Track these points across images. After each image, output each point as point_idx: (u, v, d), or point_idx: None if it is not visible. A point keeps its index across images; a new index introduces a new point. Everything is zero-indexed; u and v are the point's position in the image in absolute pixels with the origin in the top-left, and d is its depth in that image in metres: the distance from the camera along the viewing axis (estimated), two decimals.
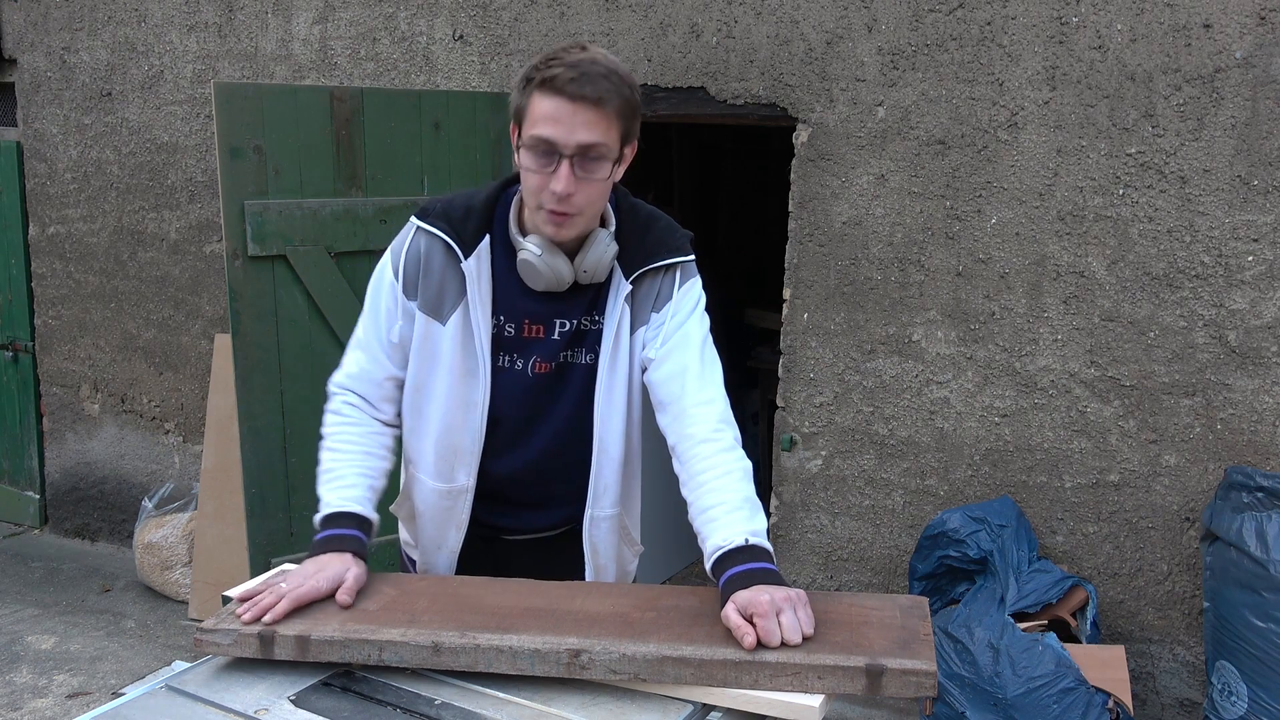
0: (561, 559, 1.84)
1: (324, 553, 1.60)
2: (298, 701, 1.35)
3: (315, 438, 3.28)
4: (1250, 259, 2.92)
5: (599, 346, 1.73)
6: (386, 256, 1.76)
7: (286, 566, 1.75)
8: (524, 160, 1.59)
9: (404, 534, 1.97)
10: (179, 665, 1.56)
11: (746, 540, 1.52)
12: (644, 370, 1.76)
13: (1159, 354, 3.05)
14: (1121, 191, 3.03)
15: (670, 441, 1.70)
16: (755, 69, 3.43)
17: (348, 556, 1.59)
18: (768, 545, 1.53)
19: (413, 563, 1.95)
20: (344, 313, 3.24)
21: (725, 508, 1.57)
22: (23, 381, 5.21)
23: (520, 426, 1.77)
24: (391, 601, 1.54)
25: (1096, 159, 3.04)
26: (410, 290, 1.72)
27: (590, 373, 1.75)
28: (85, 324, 4.94)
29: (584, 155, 1.55)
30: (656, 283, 1.74)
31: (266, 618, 1.46)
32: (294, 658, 1.42)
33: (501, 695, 1.36)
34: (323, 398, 3.30)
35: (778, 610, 1.39)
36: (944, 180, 3.22)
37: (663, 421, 1.72)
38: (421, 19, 3.94)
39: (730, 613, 1.41)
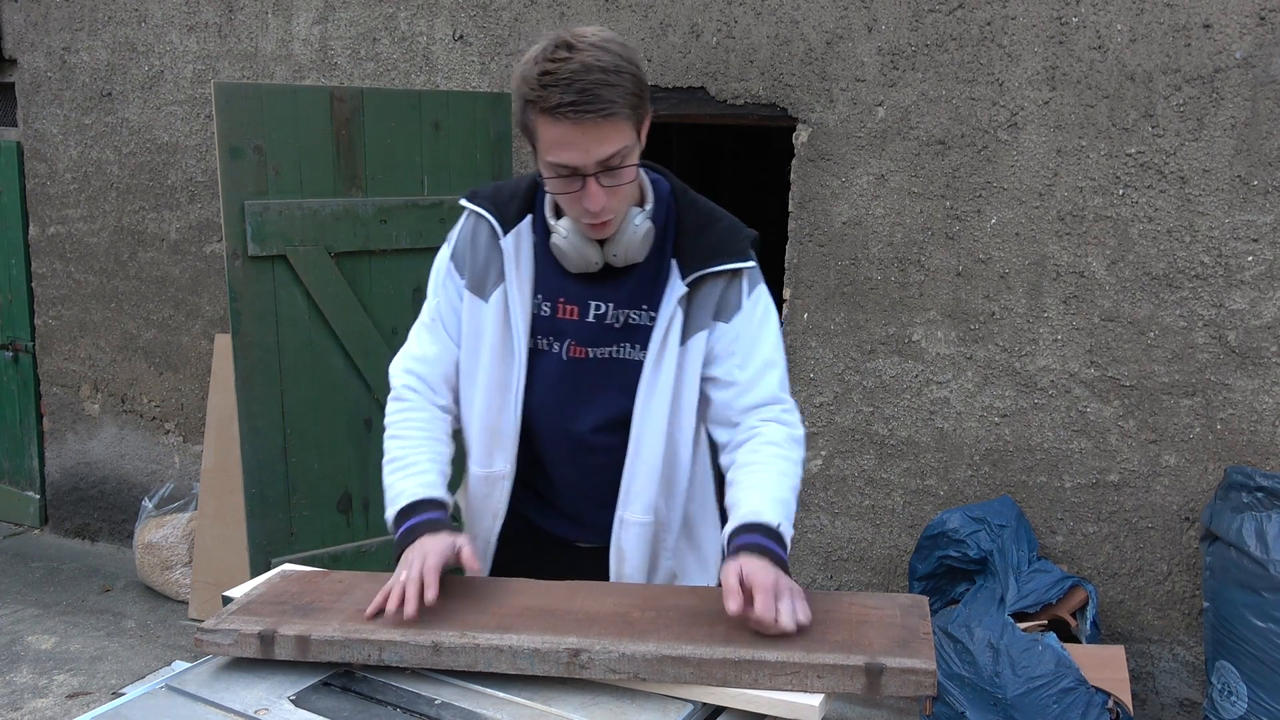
0: (599, 570, 1.76)
1: (420, 537, 1.59)
2: (298, 701, 1.35)
3: (315, 438, 3.30)
4: (1250, 259, 2.92)
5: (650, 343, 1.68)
6: (447, 238, 1.78)
7: (286, 567, 1.75)
8: (547, 177, 1.56)
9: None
10: (179, 665, 1.56)
11: (779, 524, 1.53)
12: (708, 379, 1.70)
13: (1159, 354, 3.05)
14: (1121, 191, 3.03)
15: (723, 440, 1.71)
16: (755, 69, 3.43)
17: (446, 534, 1.59)
18: (788, 543, 1.55)
19: None
20: (344, 313, 3.25)
21: (768, 492, 1.58)
22: (23, 381, 5.21)
23: (558, 414, 1.72)
24: None
25: (1096, 159, 3.05)
26: (461, 269, 1.73)
27: (640, 370, 1.69)
28: (85, 324, 4.94)
29: (607, 166, 1.51)
30: (718, 289, 1.67)
31: (428, 596, 1.46)
32: (294, 658, 1.42)
33: (501, 695, 1.36)
34: (323, 397, 3.32)
35: (778, 594, 1.39)
36: (944, 180, 3.22)
37: (720, 435, 1.72)
38: (421, 19, 3.94)
39: (730, 573, 1.40)
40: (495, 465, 1.74)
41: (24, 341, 5.14)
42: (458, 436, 1.81)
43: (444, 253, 1.78)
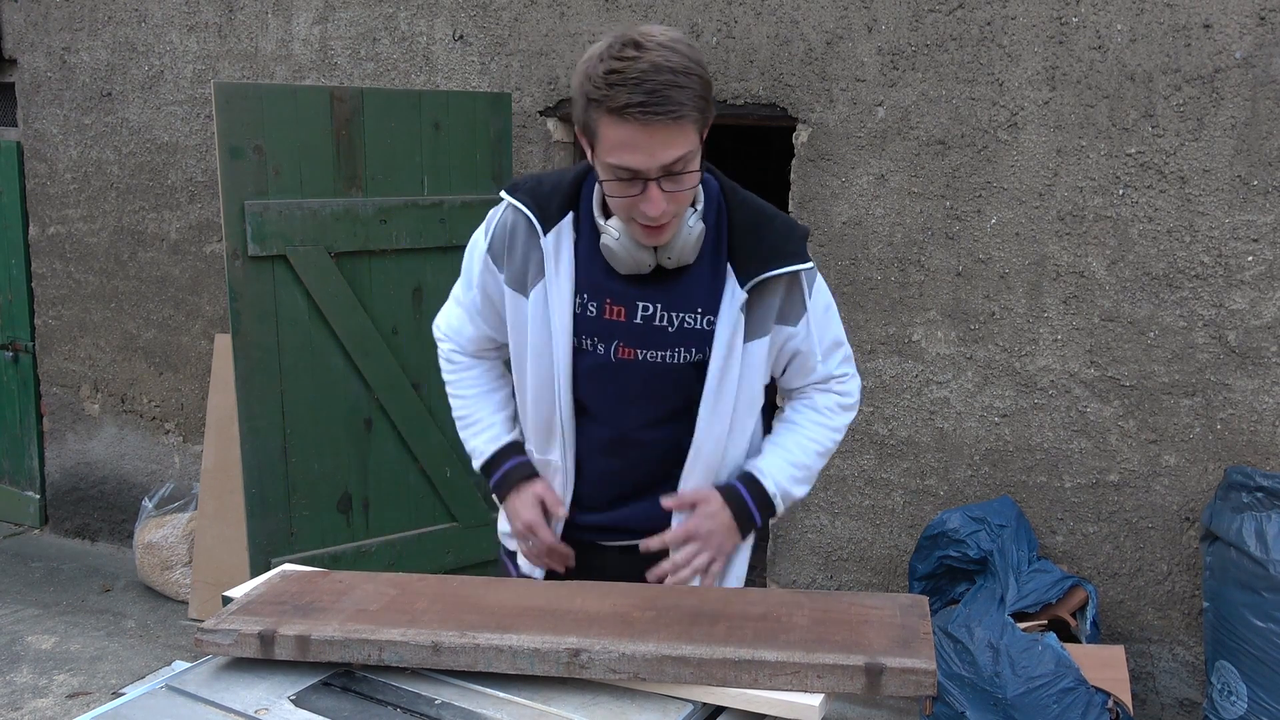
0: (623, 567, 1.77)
1: (510, 490, 1.77)
2: (298, 701, 1.35)
3: (315, 438, 3.30)
4: (1250, 259, 2.92)
5: (707, 348, 1.66)
6: (481, 225, 1.80)
7: (286, 567, 1.75)
8: (605, 179, 1.53)
9: (501, 522, 1.92)
10: (179, 665, 1.56)
11: (775, 493, 1.67)
12: (777, 369, 1.77)
13: (1159, 354, 3.05)
14: (1121, 191, 3.03)
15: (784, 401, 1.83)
16: (755, 69, 3.43)
17: (532, 480, 1.76)
18: (778, 506, 1.67)
19: (511, 555, 1.91)
20: (344, 313, 3.24)
21: (788, 454, 1.72)
22: (23, 381, 5.21)
23: (605, 413, 1.72)
24: (391, 601, 1.54)
25: (1096, 159, 3.04)
26: (499, 261, 1.73)
27: (697, 373, 1.68)
28: (85, 324, 4.94)
29: (669, 171, 1.48)
30: (779, 292, 1.67)
31: (562, 553, 1.69)
32: (294, 658, 1.42)
33: (501, 695, 1.36)
34: (323, 397, 3.33)
35: (698, 537, 1.57)
36: (944, 180, 3.22)
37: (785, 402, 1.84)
38: (421, 19, 3.94)
39: (690, 493, 1.61)
40: (552, 454, 1.77)
41: (24, 341, 5.14)
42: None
43: (480, 242, 1.77)
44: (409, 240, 3.33)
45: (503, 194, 1.73)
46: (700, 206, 1.64)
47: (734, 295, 1.63)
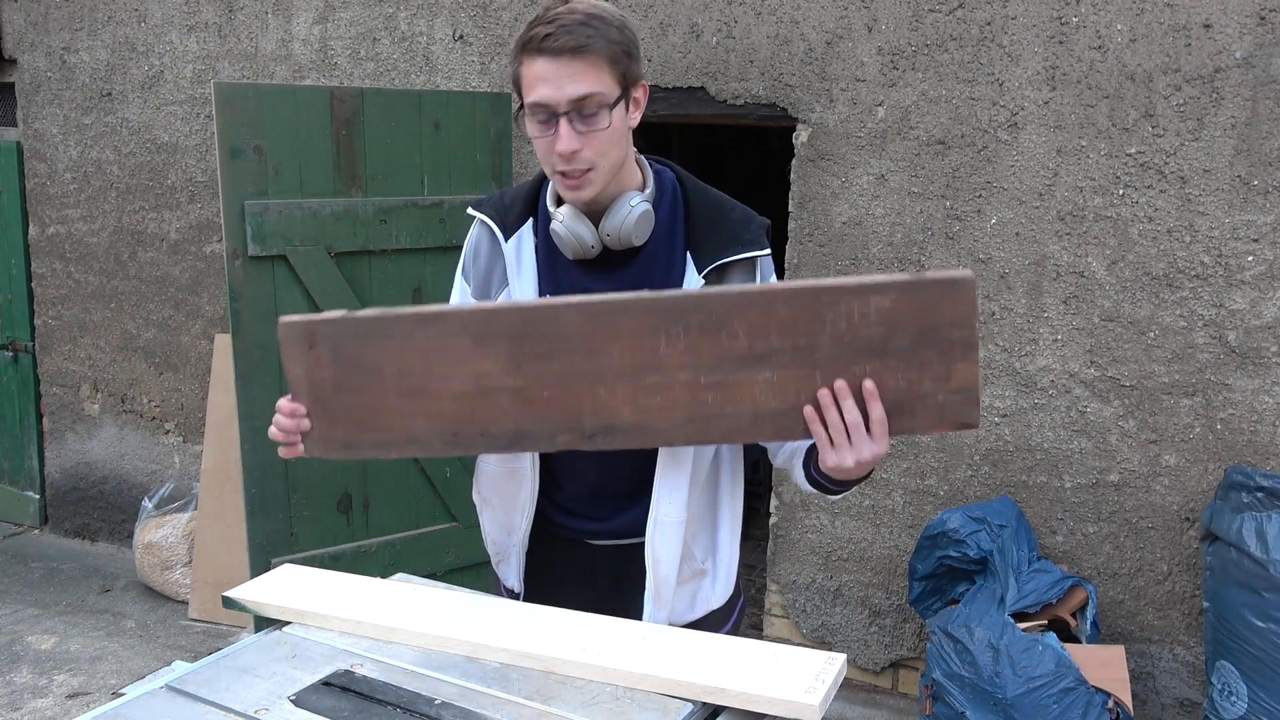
0: (638, 568, 1.74)
1: None
2: (298, 701, 1.35)
3: None
4: (1250, 259, 2.92)
5: None
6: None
7: (287, 567, 1.75)
8: (529, 130, 1.57)
9: (483, 525, 1.90)
10: (179, 665, 1.56)
11: None
12: None
13: (1159, 354, 3.05)
14: (1121, 191, 3.03)
15: None
16: (755, 69, 3.43)
17: None
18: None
19: (504, 586, 1.89)
20: None
21: None
22: (23, 381, 5.21)
23: None
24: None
25: (1096, 159, 3.05)
26: (467, 276, 1.76)
27: None
28: (85, 324, 4.94)
29: (579, 110, 1.52)
30: (735, 281, 1.66)
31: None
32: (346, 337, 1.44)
33: (501, 695, 1.36)
34: None
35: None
36: (944, 180, 3.23)
37: None
38: (421, 19, 3.94)
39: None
40: (519, 462, 1.74)
41: (24, 341, 5.14)
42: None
43: (458, 266, 1.81)
44: (409, 240, 3.33)
45: (469, 210, 1.76)
46: (649, 191, 1.66)
47: (692, 283, 1.65)
